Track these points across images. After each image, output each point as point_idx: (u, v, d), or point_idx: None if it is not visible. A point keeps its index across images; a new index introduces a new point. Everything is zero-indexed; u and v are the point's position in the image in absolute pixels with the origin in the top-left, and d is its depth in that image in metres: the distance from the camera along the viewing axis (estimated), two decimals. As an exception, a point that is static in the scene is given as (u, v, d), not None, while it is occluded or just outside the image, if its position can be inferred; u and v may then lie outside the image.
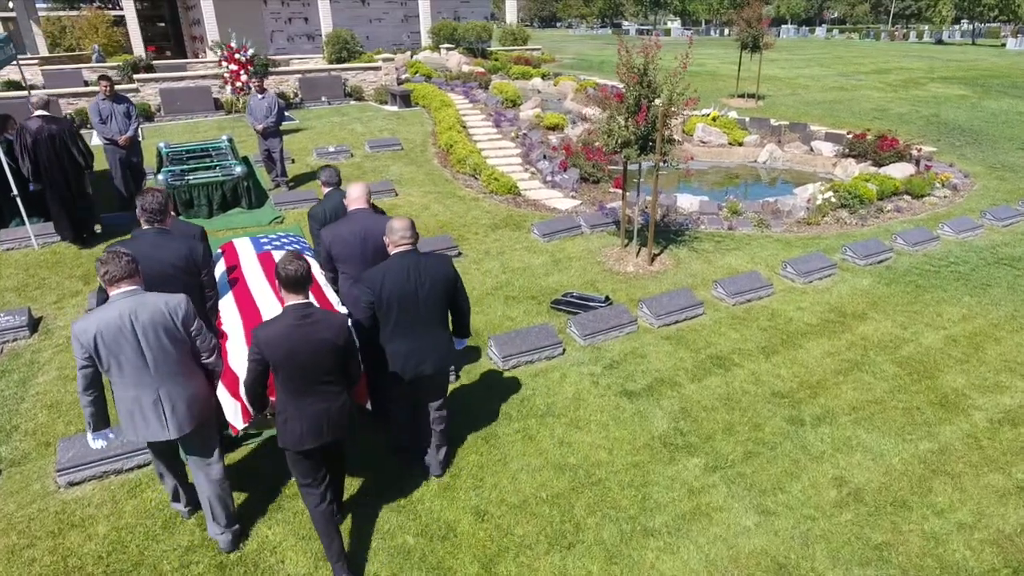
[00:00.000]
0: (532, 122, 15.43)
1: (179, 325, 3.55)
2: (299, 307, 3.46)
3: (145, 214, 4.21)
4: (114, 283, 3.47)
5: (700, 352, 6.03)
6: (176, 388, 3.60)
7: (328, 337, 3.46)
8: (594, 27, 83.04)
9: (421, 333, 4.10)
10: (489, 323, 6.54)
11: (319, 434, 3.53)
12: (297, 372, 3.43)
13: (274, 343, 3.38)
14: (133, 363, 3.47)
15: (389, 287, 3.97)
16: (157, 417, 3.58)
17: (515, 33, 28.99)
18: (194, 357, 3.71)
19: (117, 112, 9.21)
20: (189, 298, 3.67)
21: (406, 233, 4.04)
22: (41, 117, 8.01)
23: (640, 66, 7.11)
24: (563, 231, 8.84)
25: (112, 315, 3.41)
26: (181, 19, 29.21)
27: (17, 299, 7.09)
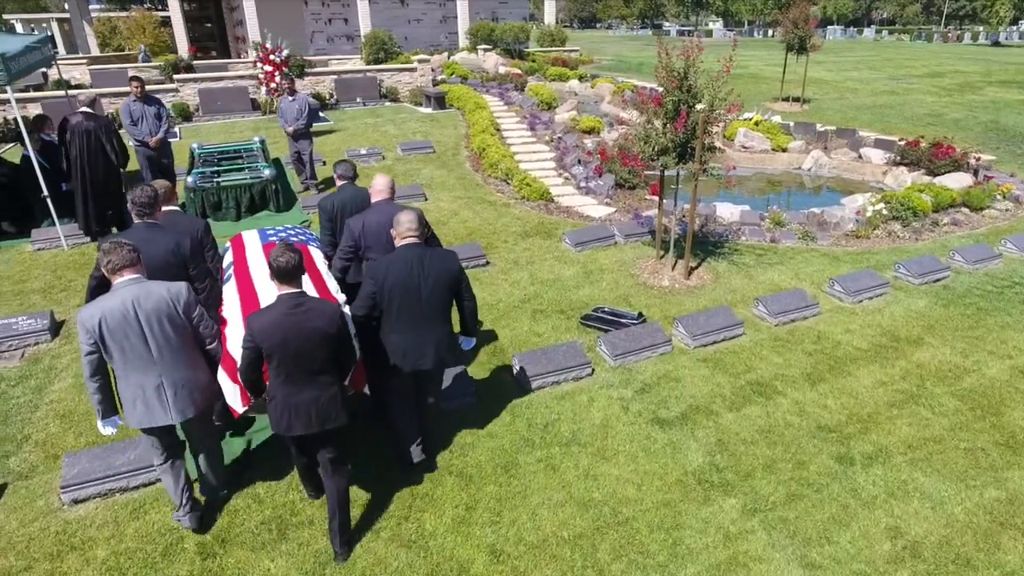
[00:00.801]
0: (567, 125, 15.09)
1: (181, 312, 3.66)
2: (292, 296, 3.53)
3: (135, 208, 4.28)
4: (117, 272, 3.57)
5: (739, 377, 5.62)
6: (179, 374, 3.69)
7: (320, 326, 3.51)
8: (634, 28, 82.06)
9: (422, 327, 4.10)
10: (515, 339, 6.24)
11: (307, 422, 3.59)
12: (290, 360, 3.49)
13: (267, 331, 3.44)
14: (137, 349, 3.56)
15: (392, 279, 3.98)
16: (160, 402, 3.66)
17: (553, 34, 28.66)
18: (197, 343, 3.82)
19: (148, 113, 9.19)
20: (190, 286, 3.79)
21: (412, 226, 4.04)
22: (83, 114, 8.32)
23: (680, 70, 6.73)
24: (596, 241, 8.49)
25: (116, 303, 3.50)
26: (225, 20, 29.61)
27: (42, 301, 7.05)
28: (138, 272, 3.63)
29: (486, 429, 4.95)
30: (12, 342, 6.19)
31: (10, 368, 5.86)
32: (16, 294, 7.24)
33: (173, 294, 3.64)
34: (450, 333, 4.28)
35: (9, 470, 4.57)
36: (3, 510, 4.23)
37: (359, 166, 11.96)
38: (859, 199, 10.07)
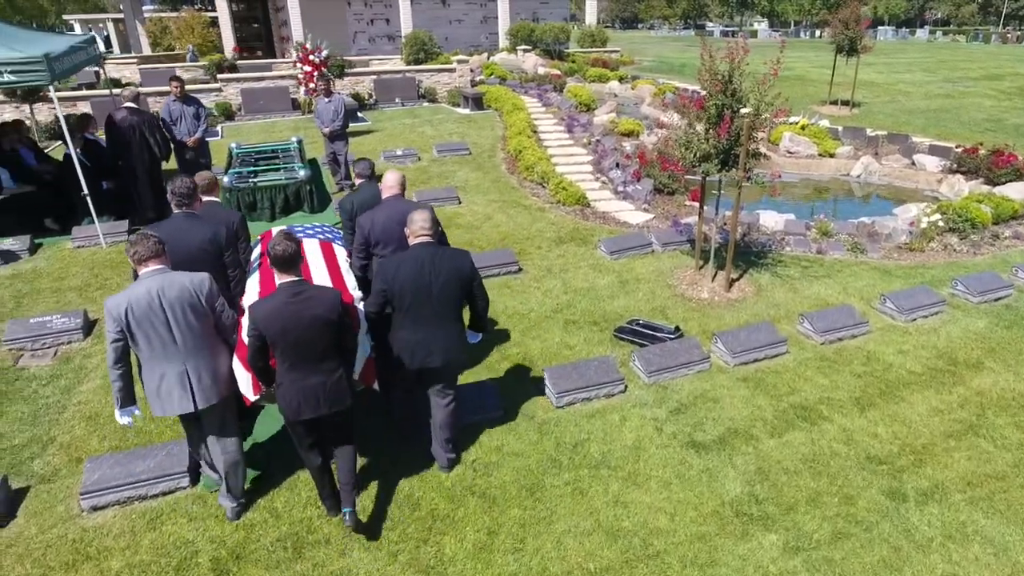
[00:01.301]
0: (606, 128, 14.80)
1: (204, 301, 3.75)
2: (291, 284, 3.60)
3: (175, 198, 4.48)
4: (142, 262, 3.69)
5: (782, 400, 5.31)
6: (202, 361, 3.80)
7: (320, 313, 3.57)
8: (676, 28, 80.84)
9: (432, 325, 4.12)
10: (545, 351, 6.03)
11: (315, 406, 3.67)
12: (292, 347, 3.57)
13: (268, 319, 3.52)
14: (162, 337, 3.68)
15: (403, 277, 4.02)
16: (183, 390, 3.76)
17: (594, 34, 28.33)
18: (219, 333, 3.91)
19: (187, 114, 9.25)
20: (212, 276, 3.87)
21: (425, 225, 4.08)
22: (127, 109, 8.75)
23: (724, 72, 6.43)
24: (632, 249, 8.22)
25: (141, 292, 3.61)
26: (272, 20, 30.04)
27: (78, 299, 7.11)
28: (163, 263, 3.74)
29: (512, 447, 4.75)
30: (46, 340, 6.24)
31: (42, 367, 5.89)
32: (53, 291, 7.32)
33: (196, 284, 3.74)
34: (460, 332, 4.28)
35: (33, 473, 4.56)
36: (24, 514, 4.20)
37: (395, 167, 11.95)
38: (912, 209, 9.57)
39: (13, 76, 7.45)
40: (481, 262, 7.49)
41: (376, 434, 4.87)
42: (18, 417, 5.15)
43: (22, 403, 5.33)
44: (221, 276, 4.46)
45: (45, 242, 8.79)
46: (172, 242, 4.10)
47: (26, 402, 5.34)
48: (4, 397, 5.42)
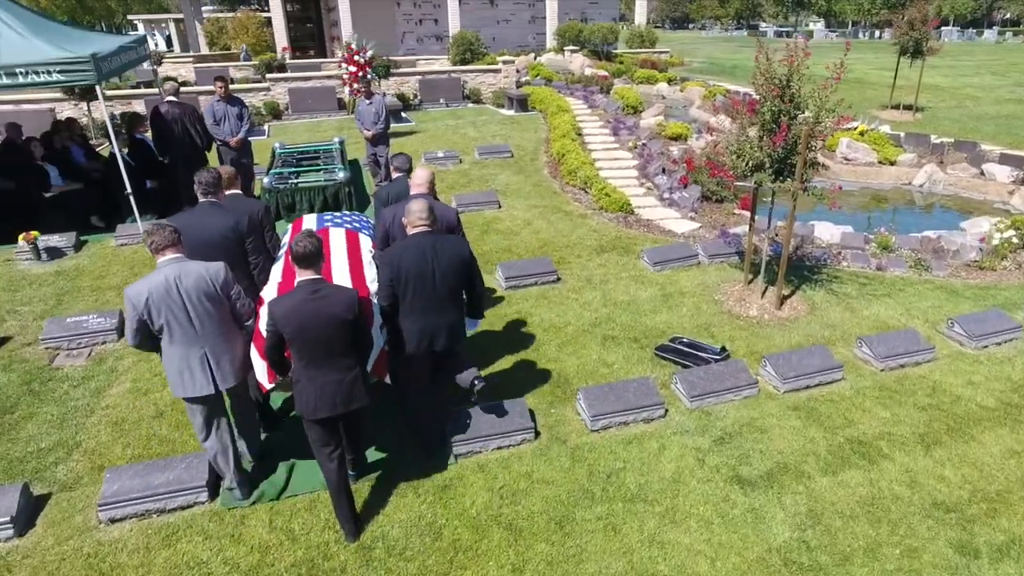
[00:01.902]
0: (653, 131, 14.37)
1: (219, 289, 3.89)
2: (310, 283, 3.64)
3: (200, 187, 4.66)
4: (159, 251, 3.84)
5: (837, 433, 4.90)
6: (220, 346, 3.95)
7: (337, 312, 3.60)
8: (728, 28, 79.03)
9: (435, 312, 4.22)
10: (582, 368, 5.74)
11: (332, 405, 3.69)
12: (309, 345, 3.60)
13: (287, 317, 3.56)
14: (181, 323, 3.81)
15: (406, 266, 4.11)
16: (204, 372, 3.91)
17: (643, 35, 27.78)
18: (234, 319, 4.05)
19: (231, 114, 9.26)
20: (227, 265, 4.01)
21: (423, 215, 4.20)
22: (169, 102, 9.05)
23: (782, 76, 6.02)
24: (677, 260, 7.84)
25: (159, 280, 3.76)
26: (323, 20, 30.41)
27: (116, 298, 7.13)
28: (179, 252, 3.89)
29: (542, 473, 4.48)
30: (81, 340, 6.25)
31: (76, 367, 5.89)
32: (93, 290, 7.37)
33: (211, 273, 3.88)
34: (460, 318, 4.42)
35: (56, 479, 4.50)
36: (43, 523, 4.14)
37: (436, 170, 11.80)
38: (983, 223, 8.92)
39: (61, 75, 7.54)
40: (518, 271, 7.25)
41: (398, 456, 4.67)
42: (47, 420, 5.13)
43: (53, 405, 5.32)
44: (243, 263, 4.67)
45: (90, 239, 8.91)
46: (196, 229, 4.40)
47: (56, 404, 5.33)
48: (36, 398, 5.41)
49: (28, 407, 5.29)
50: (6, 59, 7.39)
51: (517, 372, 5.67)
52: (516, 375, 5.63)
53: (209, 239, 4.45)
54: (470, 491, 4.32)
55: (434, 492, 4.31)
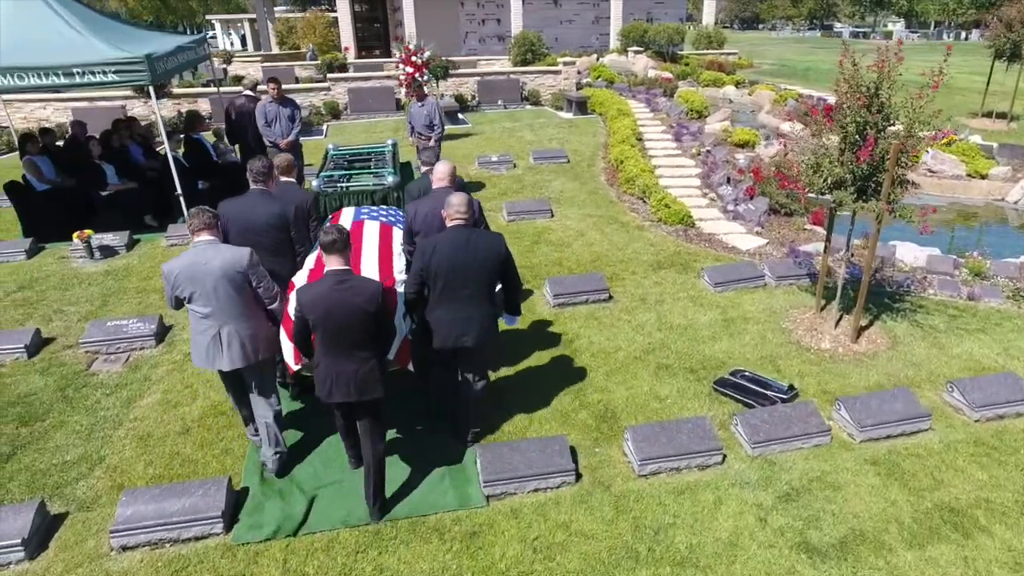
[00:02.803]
0: (718, 137, 13.66)
1: (241, 273, 4.06)
2: (337, 273, 3.77)
3: (252, 175, 4.86)
4: (197, 232, 4.09)
5: (923, 496, 4.27)
6: (237, 327, 4.12)
7: (360, 303, 3.72)
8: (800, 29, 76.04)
9: (466, 306, 4.24)
10: (631, 402, 5.25)
11: (346, 392, 3.84)
12: (331, 332, 3.74)
13: (313, 304, 3.71)
14: (204, 301, 4.04)
15: (438, 258, 4.14)
16: (217, 350, 4.13)
17: (710, 35, 26.77)
18: (257, 302, 4.22)
19: (282, 115, 9.15)
20: (253, 251, 4.17)
21: (461, 209, 4.22)
22: (245, 96, 9.78)
23: (871, 84, 5.38)
24: (741, 281, 7.23)
25: (191, 259, 4.01)
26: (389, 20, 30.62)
27: (159, 301, 7.06)
28: (214, 235, 4.12)
29: (582, 524, 4.05)
30: (120, 344, 6.17)
31: (112, 374, 5.79)
32: (138, 291, 7.34)
33: (237, 257, 4.07)
34: (492, 314, 4.41)
35: (75, 497, 4.34)
36: (55, 546, 3.97)
37: (489, 175, 11.48)
38: (1094, 249, 7.94)
39: (116, 76, 7.55)
40: (568, 288, 6.82)
41: (428, 489, 4.32)
42: (76, 430, 5.02)
43: (83, 414, 5.21)
44: (288, 250, 4.88)
45: (143, 238, 8.96)
46: (245, 214, 4.69)
47: (87, 413, 5.21)
48: (69, 405, 5.32)
49: (59, 415, 5.20)
50: (65, 59, 7.44)
51: (560, 402, 5.24)
52: (559, 406, 5.19)
53: (255, 225, 4.70)
54: (501, 540, 3.93)
55: (461, 539, 3.94)
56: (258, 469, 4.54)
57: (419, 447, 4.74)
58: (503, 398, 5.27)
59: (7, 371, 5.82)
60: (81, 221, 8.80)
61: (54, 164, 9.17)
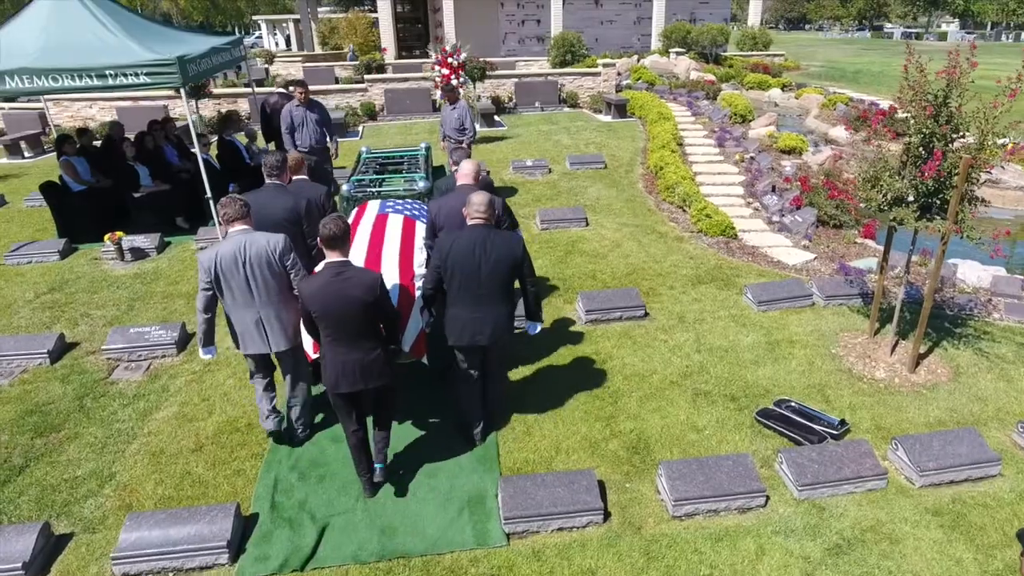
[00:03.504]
0: (763, 143, 13.14)
1: (277, 259, 4.22)
2: (336, 264, 3.86)
3: (266, 169, 5.09)
4: (230, 222, 4.23)
5: (993, 554, 3.83)
6: (275, 311, 4.30)
7: (357, 294, 3.77)
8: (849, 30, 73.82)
9: (480, 305, 4.29)
10: (665, 431, 4.90)
11: (352, 381, 3.90)
12: (332, 323, 3.82)
13: (313, 296, 3.79)
14: (242, 288, 4.19)
15: (454, 255, 4.21)
16: (259, 334, 4.33)
17: (756, 36, 26.05)
18: (290, 287, 4.34)
19: (309, 119, 8.99)
20: (287, 237, 4.33)
21: (481, 208, 4.26)
22: (279, 94, 10.27)
23: (940, 92, 4.92)
24: (786, 300, 6.79)
25: (228, 248, 4.15)
26: (430, 21, 30.60)
27: (184, 307, 6.96)
28: (247, 224, 4.25)
29: (609, 572, 3.72)
30: (141, 352, 6.06)
31: (131, 383, 5.68)
32: (165, 296, 7.25)
33: (273, 244, 4.21)
34: (508, 314, 4.44)
35: (82, 517, 4.19)
36: (57, 570, 3.81)
37: (524, 180, 11.19)
38: None
39: (147, 78, 7.48)
40: (601, 303, 6.48)
41: (447, 525, 4.04)
42: (89, 443, 4.89)
43: (98, 426, 5.08)
44: (301, 243, 4.98)
45: (173, 241, 8.92)
46: (261, 208, 4.76)
47: (102, 425, 5.09)
48: (85, 416, 5.21)
49: (75, 426, 5.09)
50: (99, 60, 7.40)
51: (590, 430, 4.91)
52: (588, 434, 4.87)
53: (271, 218, 4.82)
54: (520, 587, 3.63)
55: (477, 582, 3.65)
56: (269, 493, 4.33)
57: (437, 475, 4.47)
58: (529, 423, 4.98)
59: (29, 377, 5.75)
60: (115, 222, 8.81)
61: (91, 165, 9.21)
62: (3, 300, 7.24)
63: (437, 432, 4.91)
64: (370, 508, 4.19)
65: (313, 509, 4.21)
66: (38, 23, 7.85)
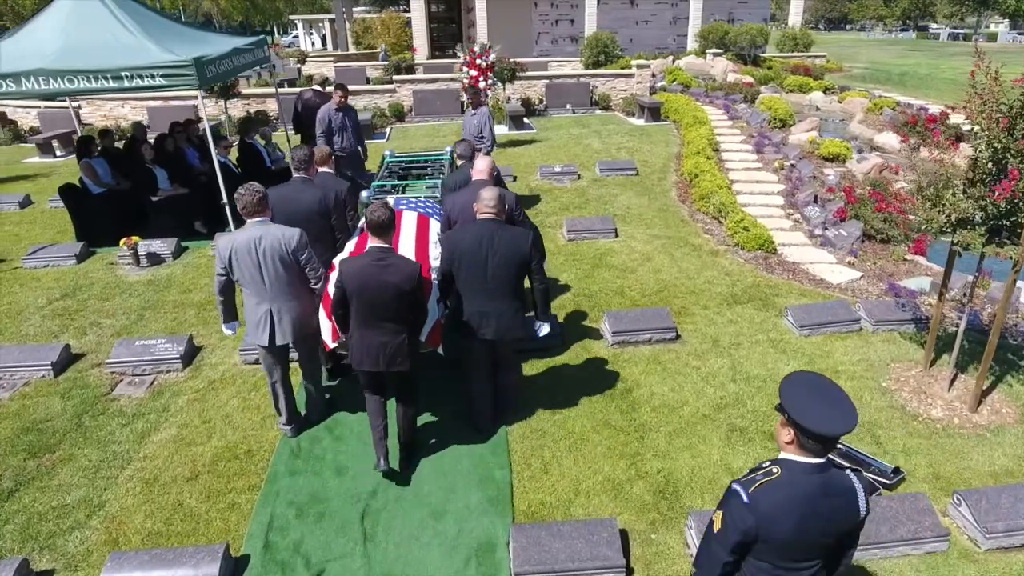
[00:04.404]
0: (804, 149, 12.53)
1: (290, 253, 4.28)
2: (379, 250, 3.97)
3: (294, 163, 5.26)
4: (249, 214, 4.27)
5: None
6: (285, 304, 4.38)
7: (395, 281, 3.89)
8: (892, 30, 71.58)
9: (486, 300, 4.35)
10: (697, 474, 4.46)
11: (375, 362, 4.05)
12: (364, 304, 3.94)
13: (351, 275, 3.92)
14: (254, 278, 4.28)
15: (462, 249, 4.28)
16: (268, 325, 4.38)
17: (796, 37, 25.20)
18: (303, 281, 4.43)
19: (347, 123, 8.79)
20: (303, 233, 4.38)
21: (491, 203, 4.31)
22: (312, 91, 10.52)
23: (1016, 102, 4.38)
24: (831, 324, 6.27)
25: (244, 237, 4.23)
26: (463, 21, 30.37)
27: (193, 318, 6.73)
28: (265, 216, 4.33)
29: (630, 641, 3.31)
30: (146, 367, 5.82)
31: (133, 399, 5.44)
32: (176, 306, 7.03)
33: (287, 237, 4.27)
34: (516, 309, 4.45)
35: (65, 551, 3.93)
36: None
37: (551, 186, 10.78)
38: None
39: (163, 79, 7.27)
40: (629, 324, 6.05)
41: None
42: (83, 466, 4.64)
43: (94, 447, 4.84)
44: (328, 236, 5.12)
45: (191, 246, 8.73)
46: (289, 201, 4.96)
47: (98, 447, 4.84)
48: (82, 435, 4.97)
49: (71, 447, 4.85)
50: (115, 61, 7.22)
51: (613, 469, 4.50)
52: (611, 474, 4.46)
53: (298, 211, 4.95)
54: (530, 657, 3.24)
55: None
56: (263, 531, 4.02)
57: (444, 518, 4.11)
58: (546, 459, 4.59)
59: (30, 391, 5.55)
60: (134, 226, 8.67)
61: (112, 167, 9.08)
62: (16, 306, 7.11)
63: (447, 466, 4.54)
64: (369, 553, 3.85)
65: (309, 552, 3.88)
66: (58, 23, 7.71)
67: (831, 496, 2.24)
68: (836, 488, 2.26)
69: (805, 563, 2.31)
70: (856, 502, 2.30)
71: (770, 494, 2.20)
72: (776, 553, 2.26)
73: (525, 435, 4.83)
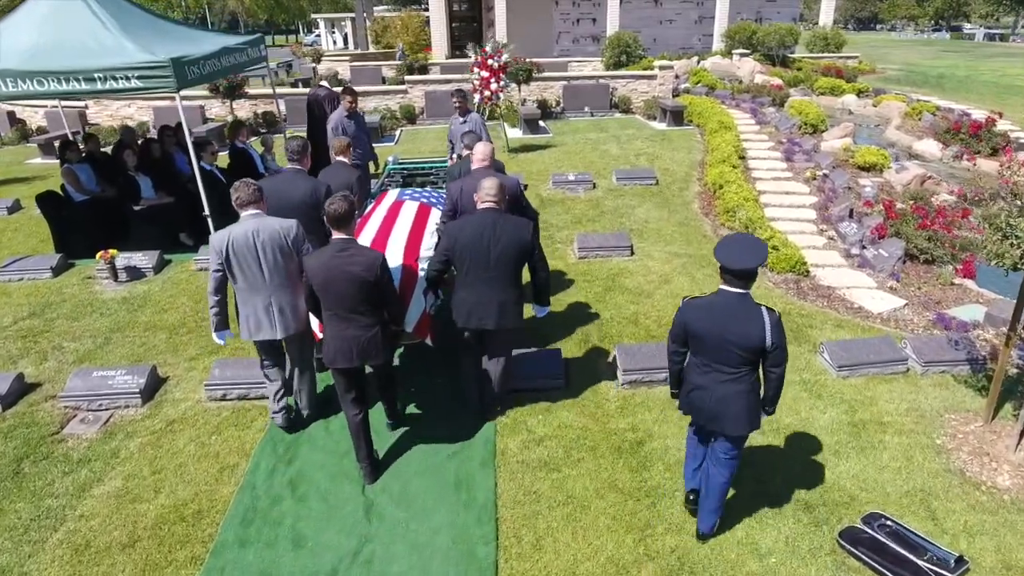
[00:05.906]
0: (837, 157, 11.68)
1: (290, 243, 4.27)
2: (341, 241, 3.95)
3: (288, 154, 5.26)
4: (243, 206, 4.26)
5: None
6: (285, 296, 4.35)
7: (358, 272, 3.85)
8: (924, 30, 69.58)
9: (487, 289, 4.33)
10: (716, 555, 3.74)
11: (349, 357, 4.01)
12: (332, 298, 3.93)
13: (315, 270, 3.91)
14: (253, 271, 4.22)
15: (464, 239, 4.25)
16: (268, 319, 4.35)
17: (827, 37, 24.19)
18: (299, 273, 4.29)
19: (359, 131, 8.21)
20: (300, 223, 4.36)
21: (492, 192, 4.31)
22: (319, 86, 10.74)
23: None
24: (874, 365, 5.49)
25: (241, 230, 4.19)
26: (483, 20, 29.75)
27: (163, 344, 6.16)
28: (260, 208, 4.30)
29: None
30: (103, 401, 5.25)
31: (82, 441, 4.86)
32: (147, 328, 6.46)
33: (285, 228, 4.26)
34: (516, 299, 4.44)
35: (-34, 641, 3.35)
36: None
37: (564, 196, 10.09)
38: None
39: (139, 81, 6.71)
40: (643, 361, 5.34)
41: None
42: (11, 525, 4.06)
43: (28, 500, 4.26)
44: (321, 228, 4.79)
45: (174, 259, 8.18)
46: (279, 192, 4.92)
47: (32, 501, 4.26)
48: (17, 486, 4.40)
49: (2, 499, 4.28)
50: (88, 62, 6.67)
51: (618, 546, 3.80)
52: (615, 553, 3.76)
53: (289, 203, 4.90)
54: None
55: None
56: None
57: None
58: (539, 532, 3.90)
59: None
60: (116, 237, 8.15)
61: (97, 173, 8.58)
62: (-21, 325, 6.60)
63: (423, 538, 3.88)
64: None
65: None
66: (34, 21, 7.19)
67: (741, 318, 3.29)
68: (749, 313, 3.30)
69: (728, 368, 3.38)
70: (763, 329, 3.26)
71: (697, 303, 3.46)
72: (701, 349, 3.43)
73: (517, 499, 4.16)
